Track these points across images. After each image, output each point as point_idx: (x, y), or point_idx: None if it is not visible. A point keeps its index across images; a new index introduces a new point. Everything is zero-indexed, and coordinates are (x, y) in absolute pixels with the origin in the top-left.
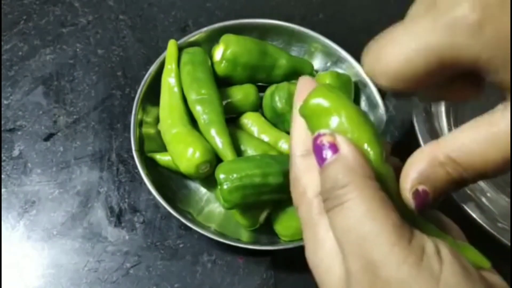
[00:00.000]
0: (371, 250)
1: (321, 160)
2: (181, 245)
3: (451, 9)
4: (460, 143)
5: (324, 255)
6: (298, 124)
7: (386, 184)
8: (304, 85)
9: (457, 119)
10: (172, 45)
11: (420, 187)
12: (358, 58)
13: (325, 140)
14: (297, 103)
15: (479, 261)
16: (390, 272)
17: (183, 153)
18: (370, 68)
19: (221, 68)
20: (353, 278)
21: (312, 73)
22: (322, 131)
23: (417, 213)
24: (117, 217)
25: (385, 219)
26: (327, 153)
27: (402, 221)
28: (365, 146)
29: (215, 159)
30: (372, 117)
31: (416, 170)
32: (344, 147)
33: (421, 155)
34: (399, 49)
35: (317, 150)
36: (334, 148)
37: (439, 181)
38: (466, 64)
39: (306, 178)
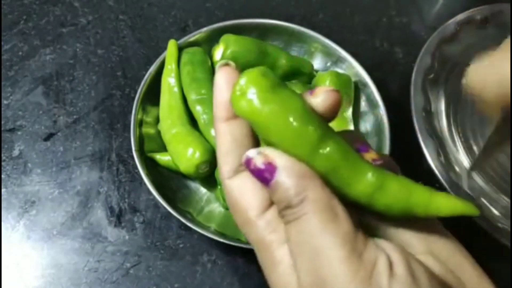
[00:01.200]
0: (321, 265)
1: (265, 181)
2: (181, 245)
3: None
4: None
5: (281, 273)
6: (221, 140)
7: (334, 174)
8: (223, 77)
9: (457, 119)
10: (172, 45)
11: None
12: (358, 58)
13: (258, 163)
14: (219, 105)
15: (460, 209)
16: None
17: (183, 153)
18: (480, 78)
19: None
20: None
21: (312, 73)
22: (249, 153)
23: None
24: (117, 217)
25: (336, 231)
26: (267, 175)
27: (355, 231)
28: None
29: (215, 159)
30: (372, 117)
31: None
32: (281, 162)
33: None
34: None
35: (255, 174)
36: (271, 167)
37: None
38: None
39: (243, 201)
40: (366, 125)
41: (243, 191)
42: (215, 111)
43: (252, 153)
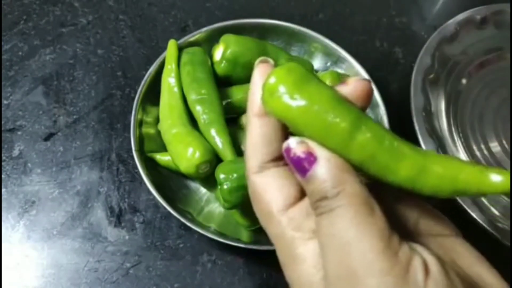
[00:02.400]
0: (353, 257)
1: (301, 172)
2: (181, 245)
3: None
4: None
5: (304, 272)
6: (252, 134)
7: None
8: (260, 73)
9: (457, 119)
10: (172, 45)
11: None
12: (358, 58)
13: (299, 151)
14: (253, 101)
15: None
16: (372, 282)
17: (183, 153)
18: None
19: (221, 68)
20: (333, 285)
21: (311, 71)
22: (290, 142)
23: None
24: (117, 217)
25: (372, 226)
26: (306, 164)
27: (391, 231)
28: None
29: (215, 159)
30: (372, 117)
31: None
32: (322, 153)
33: None
34: None
35: (294, 162)
36: (312, 156)
37: None
38: None
39: (268, 196)
40: None
41: (268, 186)
42: (249, 106)
43: (293, 141)
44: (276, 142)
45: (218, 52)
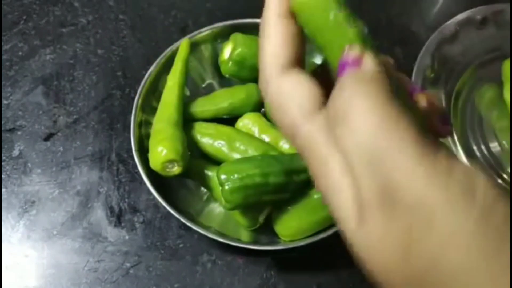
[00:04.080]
0: (391, 169)
1: (341, 69)
2: (181, 245)
3: None
4: None
5: (332, 176)
6: (273, 34)
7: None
8: None
9: (457, 119)
10: (184, 45)
11: None
12: None
13: (352, 54)
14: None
15: None
16: (415, 193)
17: (153, 149)
18: None
19: (227, 68)
20: (367, 205)
21: None
22: (350, 48)
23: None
24: (117, 217)
25: (405, 129)
26: (349, 66)
27: (423, 133)
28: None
29: (184, 161)
30: None
31: None
32: (371, 61)
33: None
34: None
35: (343, 61)
36: (360, 62)
37: None
38: None
39: (297, 96)
40: None
41: (297, 86)
42: (268, 5)
43: (352, 48)
44: (298, 46)
45: (227, 51)
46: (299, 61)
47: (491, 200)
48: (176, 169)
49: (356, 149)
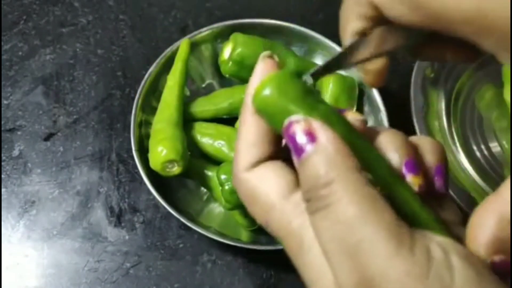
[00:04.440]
0: (366, 263)
1: (297, 153)
2: (181, 245)
3: None
4: None
5: (312, 262)
6: (246, 131)
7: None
8: (261, 69)
9: (457, 119)
10: (184, 45)
11: (497, 258)
12: None
13: (299, 128)
14: (249, 92)
15: None
16: None
17: (153, 149)
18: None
19: (227, 68)
20: None
21: None
22: (293, 117)
23: None
24: (117, 217)
25: (378, 223)
26: (304, 144)
27: (399, 222)
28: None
29: (185, 161)
30: (372, 117)
31: (486, 236)
32: (322, 134)
33: (485, 213)
34: None
35: (292, 141)
36: (311, 136)
37: None
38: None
39: (265, 186)
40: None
41: (264, 178)
42: (246, 100)
43: (296, 117)
44: (272, 143)
45: (227, 51)
46: (275, 154)
47: None
48: (176, 169)
49: (333, 242)
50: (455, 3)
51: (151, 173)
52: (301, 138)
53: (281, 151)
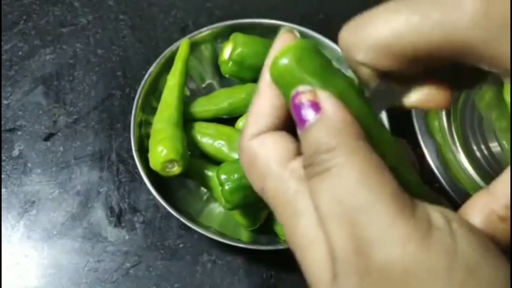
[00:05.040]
0: (365, 226)
1: (301, 123)
2: (181, 245)
3: None
4: None
5: (304, 229)
6: (259, 100)
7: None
8: (282, 42)
9: (457, 119)
10: (184, 45)
11: None
12: None
13: (305, 99)
14: (267, 64)
15: None
16: (390, 253)
17: (153, 149)
18: (345, 40)
19: (227, 68)
20: (341, 263)
21: None
22: (301, 88)
23: None
24: (117, 217)
25: (381, 187)
26: (308, 114)
27: (401, 189)
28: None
29: (185, 161)
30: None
31: None
32: (328, 104)
33: (474, 211)
34: (387, 21)
35: (296, 111)
36: (316, 107)
37: (504, 239)
38: (465, 47)
39: (265, 151)
40: None
41: (263, 145)
42: (263, 71)
43: (303, 88)
44: (282, 117)
45: (227, 51)
46: (283, 127)
47: (475, 261)
48: (176, 169)
49: (331, 205)
50: (416, 37)
51: (151, 173)
52: (306, 108)
53: (290, 126)
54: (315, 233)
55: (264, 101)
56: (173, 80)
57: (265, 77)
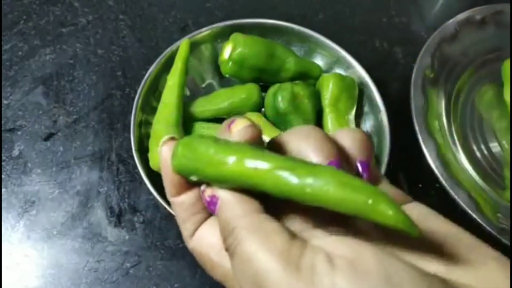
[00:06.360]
0: (264, 282)
1: (213, 212)
2: (181, 245)
3: None
4: None
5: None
6: (176, 212)
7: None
8: (168, 155)
9: (457, 119)
10: (184, 45)
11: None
12: (358, 58)
13: (206, 195)
14: (167, 184)
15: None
16: None
17: (153, 149)
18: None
19: (227, 68)
20: None
21: (320, 75)
22: (201, 187)
23: None
24: (117, 217)
25: (270, 251)
26: (213, 206)
27: (288, 241)
28: None
29: None
30: (371, 117)
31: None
32: (221, 194)
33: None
34: None
35: (207, 203)
36: (215, 198)
37: None
38: None
39: (204, 248)
40: (366, 125)
41: (201, 241)
42: (166, 188)
43: (202, 187)
44: (198, 211)
45: (227, 51)
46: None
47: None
48: None
49: (243, 277)
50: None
51: (151, 173)
52: (210, 201)
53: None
54: None
55: (179, 210)
56: (173, 80)
57: (168, 192)
